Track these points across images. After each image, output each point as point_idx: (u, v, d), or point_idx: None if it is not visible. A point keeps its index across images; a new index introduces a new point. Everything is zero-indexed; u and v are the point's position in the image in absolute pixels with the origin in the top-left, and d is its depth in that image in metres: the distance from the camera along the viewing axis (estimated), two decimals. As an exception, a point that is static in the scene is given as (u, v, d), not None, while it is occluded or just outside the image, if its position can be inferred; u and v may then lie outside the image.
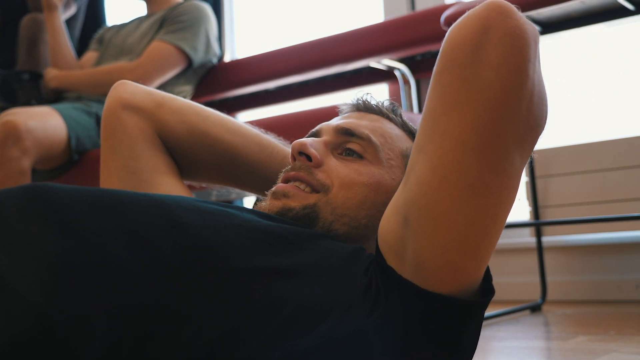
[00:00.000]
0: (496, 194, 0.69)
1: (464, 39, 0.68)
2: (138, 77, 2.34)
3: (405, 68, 2.23)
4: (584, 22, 1.83)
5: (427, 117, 0.71)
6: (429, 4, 2.56)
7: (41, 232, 0.70)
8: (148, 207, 0.77)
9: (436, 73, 0.71)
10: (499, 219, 0.70)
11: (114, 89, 1.08)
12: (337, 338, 0.69)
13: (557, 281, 2.37)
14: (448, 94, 0.69)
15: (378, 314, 0.71)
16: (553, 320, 1.91)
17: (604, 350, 1.30)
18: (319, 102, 2.55)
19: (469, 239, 0.69)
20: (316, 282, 0.74)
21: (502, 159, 0.68)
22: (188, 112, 1.06)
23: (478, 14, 0.69)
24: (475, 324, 0.75)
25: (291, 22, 3.19)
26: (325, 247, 0.80)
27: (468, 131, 0.67)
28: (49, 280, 0.66)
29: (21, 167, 2.08)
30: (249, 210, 0.85)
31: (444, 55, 0.70)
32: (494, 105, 0.67)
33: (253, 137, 1.08)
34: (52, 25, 2.61)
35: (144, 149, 1.05)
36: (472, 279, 0.71)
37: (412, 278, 0.71)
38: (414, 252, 0.70)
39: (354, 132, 0.93)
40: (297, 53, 2.40)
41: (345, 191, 0.89)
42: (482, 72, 0.67)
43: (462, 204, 0.68)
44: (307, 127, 1.75)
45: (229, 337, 0.69)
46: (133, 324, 0.68)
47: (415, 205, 0.71)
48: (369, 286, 0.73)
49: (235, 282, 0.72)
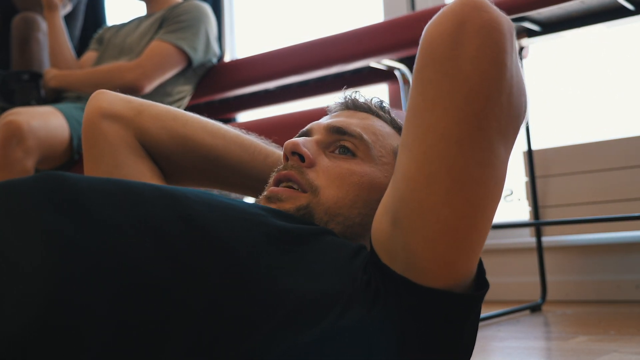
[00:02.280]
0: (483, 185, 0.69)
1: (440, 35, 0.70)
2: (137, 77, 2.34)
3: (405, 68, 2.23)
4: (584, 22, 1.83)
5: (410, 114, 0.72)
6: (429, 4, 2.56)
7: (55, 219, 0.71)
8: (158, 198, 0.78)
9: (416, 71, 0.72)
10: (488, 211, 0.71)
11: (92, 99, 1.08)
12: (338, 332, 0.70)
13: (557, 281, 2.37)
14: (429, 89, 0.70)
15: (378, 310, 0.71)
16: (553, 320, 1.91)
17: (604, 350, 1.30)
18: (319, 102, 2.55)
19: (459, 231, 0.69)
20: (319, 277, 0.74)
21: (487, 151, 0.69)
22: (167, 118, 1.06)
23: (453, 9, 0.70)
24: (472, 319, 0.75)
25: (291, 22, 3.19)
26: (329, 243, 0.81)
27: (451, 125, 0.68)
28: (60, 266, 0.67)
29: (25, 168, 2.08)
30: (254, 206, 0.86)
31: (422, 52, 0.72)
32: (474, 97, 0.68)
33: (234, 138, 1.08)
34: (52, 25, 2.61)
35: (127, 156, 1.05)
36: (465, 272, 0.72)
37: (405, 275, 0.71)
38: (405, 249, 0.71)
39: (345, 130, 0.94)
40: (296, 53, 2.40)
41: (336, 191, 0.90)
42: (461, 65, 0.68)
43: (449, 198, 0.68)
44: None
45: (232, 328, 0.70)
46: (138, 311, 0.68)
47: (403, 202, 0.71)
48: (369, 283, 0.74)
49: (240, 274, 0.73)
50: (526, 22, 1.82)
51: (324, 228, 0.86)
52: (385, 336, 0.71)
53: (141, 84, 2.34)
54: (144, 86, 2.35)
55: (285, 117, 2.00)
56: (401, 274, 0.71)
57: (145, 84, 2.35)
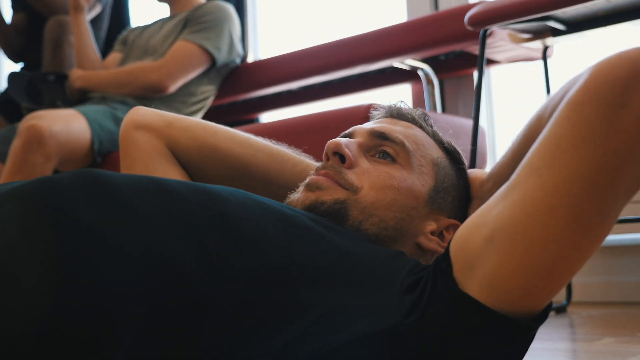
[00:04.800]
0: (595, 234, 0.69)
1: (614, 78, 0.68)
2: (162, 77, 2.35)
3: (429, 68, 2.22)
4: (609, 20, 1.81)
5: (551, 142, 0.71)
6: (452, 4, 2.55)
7: (90, 213, 0.73)
8: (192, 194, 0.80)
9: (574, 103, 0.70)
10: (586, 258, 0.71)
11: (127, 114, 1.13)
12: (369, 337, 0.70)
13: (582, 282, 2.35)
14: (583, 127, 0.68)
15: (415, 317, 0.71)
16: (578, 321, 1.89)
17: (631, 352, 1.29)
18: (343, 103, 2.55)
19: (556, 269, 0.69)
20: (354, 282, 0.75)
21: (611, 203, 0.69)
22: (197, 129, 1.10)
23: (632, 56, 0.69)
24: (522, 347, 0.75)
25: (314, 22, 3.19)
26: (365, 247, 0.81)
27: (591, 169, 0.67)
28: (93, 260, 0.69)
29: (44, 172, 2.10)
30: (287, 207, 0.87)
31: (589, 88, 0.69)
32: (624, 151, 0.67)
33: (262, 148, 1.10)
34: (77, 26, 2.63)
35: (159, 162, 1.09)
36: (540, 306, 0.72)
37: (477, 292, 0.71)
38: (494, 268, 0.70)
39: (388, 135, 0.95)
40: (320, 53, 2.40)
41: (375, 192, 0.91)
42: (624, 116, 0.67)
43: (562, 236, 0.68)
44: (330, 127, 1.76)
45: (262, 327, 0.71)
46: (170, 306, 0.70)
47: (510, 223, 0.70)
48: (412, 287, 0.74)
49: (269, 275, 0.74)
50: (551, 21, 1.81)
51: (359, 234, 0.87)
52: (420, 345, 0.70)
53: (165, 84, 2.35)
54: (168, 86, 2.36)
55: (309, 117, 2.00)
56: (469, 292, 0.71)
57: (169, 84, 2.36)
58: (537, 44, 1.99)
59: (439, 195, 0.95)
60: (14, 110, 2.84)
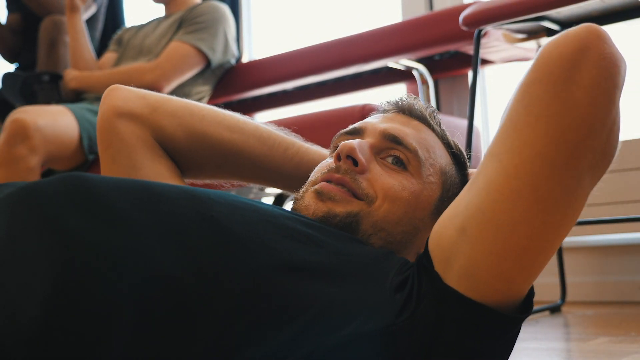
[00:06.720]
0: (562, 212, 0.70)
1: (560, 55, 0.69)
2: (156, 78, 2.35)
3: (424, 68, 2.22)
4: (604, 21, 1.82)
5: (507, 126, 0.72)
6: (447, 4, 2.55)
7: (76, 219, 0.72)
8: (180, 198, 0.78)
9: (525, 84, 0.71)
10: (559, 238, 0.71)
11: (105, 96, 1.07)
12: (363, 337, 0.70)
13: (576, 282, 2.35)
14: (536, 106, 0.69)
15: (407, 315, 0.71)
16: (573, 321, 1.90)
17: (625, 352, 1.29)
18: (337, 103, 2.55)
19: (529, 252, 0.70)
20: (345, 282, 0.74)
21: (575, 179, 0.69)
22: (184, 114, 1.04)
23: (577, 33, 0.70)
24: (509, 340, 0.75)
25: (309, 22, 3.19)
26: (355, 247, 0.81)
27: (549, 146, 0.68)
28: (80, 265, 0.69)
29: (29, 165, 2.09)
30: (277, 208, 0.86)
31: (538, 67, 0.70)
32: (579, 125, 0.68)
33: (252, 131, 1.07)
34: (73, 27, 2.63)
35: (144, 156, 1.03)
36: (519, 292, 0.72)
37: (457, 285, 0.71)
38: (468, 258, 0.70)
39: (401, 140, 0.92)
40: (315, 53, 2.40)
41: (388, 205, 0.88)
42: (574, 90, 0.68)
43: (529, 217, 0.69)
44: (326, 127, 1.76)
45: (256, 330, 0.70)
46: (160, 311, 0.69)
47: (478, 211, 0.71)
48: (401, 286, 0.74)
49: (262, 277, 0.73)
50: (545, 22, 1.81)
51: (349, 235, 0.86)
52: (413, 342, 0.71)
53: (160, 84, 2.35)
54: (162, 87, 2.36)
55: (304, 117, 2.00)
56: (451, 285, 0.71)
57: (164, 85, 2.36)
58: (531, 44, 2.00)
59: (444, 205, 0.93)
60: (8, 111, 2.84)
